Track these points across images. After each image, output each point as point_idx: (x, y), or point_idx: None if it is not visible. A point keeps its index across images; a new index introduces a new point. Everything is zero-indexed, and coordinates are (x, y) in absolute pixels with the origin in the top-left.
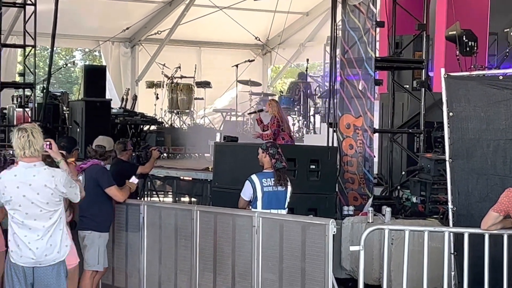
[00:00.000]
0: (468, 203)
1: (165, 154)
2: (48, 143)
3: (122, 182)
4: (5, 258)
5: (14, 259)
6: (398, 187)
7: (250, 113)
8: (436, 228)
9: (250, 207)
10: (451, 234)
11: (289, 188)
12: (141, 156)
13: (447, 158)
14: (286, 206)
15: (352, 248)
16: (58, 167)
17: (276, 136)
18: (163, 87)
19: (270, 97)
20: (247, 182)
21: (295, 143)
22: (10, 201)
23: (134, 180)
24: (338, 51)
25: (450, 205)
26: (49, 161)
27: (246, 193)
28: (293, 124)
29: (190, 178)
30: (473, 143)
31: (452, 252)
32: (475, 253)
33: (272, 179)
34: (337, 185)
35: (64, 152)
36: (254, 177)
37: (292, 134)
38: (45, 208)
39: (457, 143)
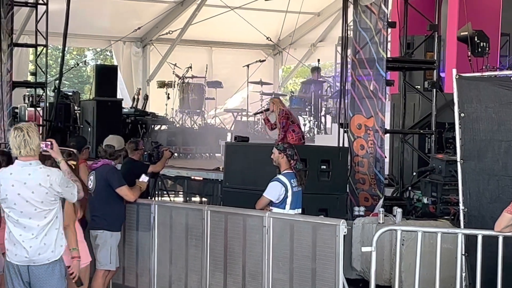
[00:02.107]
0: (479, 204)
1: (176, 154)
2: (49, 142)
3: (133, 181)
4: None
5: (9, 257)
6: (409, 187)
7: (255, 113)
8: (449, 229)
9: (271, 207)
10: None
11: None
12: (152, 156)
13: (458, 159)
14: None
15: (364, 249)
16: (58, 167)
17: (286, 129)
18: (174, 87)
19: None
20: (277, 183)
21: (306, 143)
22: (6, 199)
23: (144, 178)
24: (349, 51)
25: (461, 206)
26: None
27: (273, 194)
28: (304, 124)
29: (201, 178)
30: (485, 144)
31: (463, 253)
32: (486, 254)
33: (295, 180)
34: (348, 185)
35: (74, 151)
36: (283, 178)
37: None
38: (40, 207)
39: (469, 144)
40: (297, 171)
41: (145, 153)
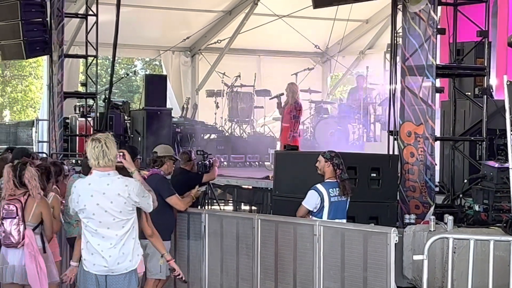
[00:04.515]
0: None
1: (225, 163)
2: (121, 154)
3: (187, 191)
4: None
5: (87, 267)
6: (460, 195)
7: (271, 98)
8: (502, 237)
9: (311, 216)
10: None
11: (349, 198)
12: (206, 165)
13: (510, 166)
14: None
15: (415, 257)
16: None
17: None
18: (223, 95)
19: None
20: (313, 192)
21: (356, 152)
22: (84, 210)
23: (202, 188)
24: (398, 58)
25: None
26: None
27: (310, 203)
28: (353, 132)
29: (251, 187)
30: None
31: None
32: None
33: (337, 189)
34: (398, 193)
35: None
36: (320, 187)
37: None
38: (118, 216)
39: None
40: (342, 180)
41: (199, 162)
